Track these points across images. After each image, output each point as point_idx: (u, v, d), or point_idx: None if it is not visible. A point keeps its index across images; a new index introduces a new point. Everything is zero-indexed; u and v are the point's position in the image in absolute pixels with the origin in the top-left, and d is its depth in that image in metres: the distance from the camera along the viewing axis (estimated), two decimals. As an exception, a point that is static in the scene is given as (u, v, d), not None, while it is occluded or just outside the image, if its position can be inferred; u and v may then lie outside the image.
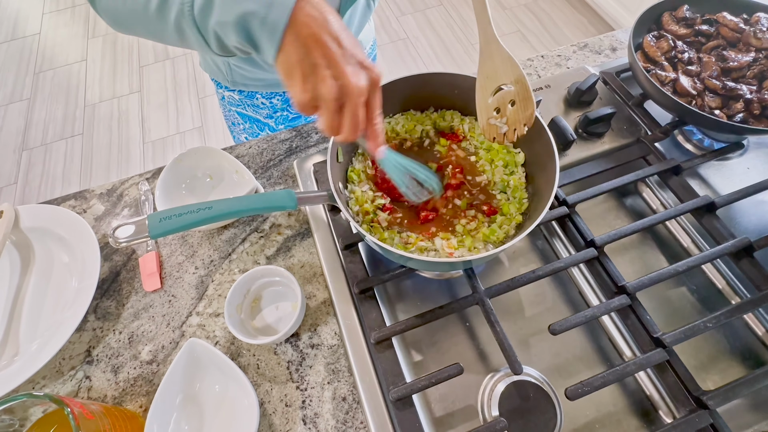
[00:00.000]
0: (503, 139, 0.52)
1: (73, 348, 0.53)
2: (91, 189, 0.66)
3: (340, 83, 0.35)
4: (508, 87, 0.49)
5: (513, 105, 0.50)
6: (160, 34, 0.42)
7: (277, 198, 0.44)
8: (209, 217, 0.40)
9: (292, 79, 0.36)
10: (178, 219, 0.39)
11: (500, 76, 0.48)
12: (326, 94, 0.35)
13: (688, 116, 0.58)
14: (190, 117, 1.99)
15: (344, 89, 0.36)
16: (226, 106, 0.88)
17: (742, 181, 0.61)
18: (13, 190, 1.80)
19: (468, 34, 2.24)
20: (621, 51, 0.78)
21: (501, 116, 0.50)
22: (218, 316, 0.54)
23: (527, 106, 0.49)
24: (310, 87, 0.35)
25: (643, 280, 0.49)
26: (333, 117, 0.37)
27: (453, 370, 0.45)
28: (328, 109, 0.36)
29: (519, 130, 0.50)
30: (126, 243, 0.39)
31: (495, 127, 0.51)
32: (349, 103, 0.36)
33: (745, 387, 0.44)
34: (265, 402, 0.48)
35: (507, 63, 0.48)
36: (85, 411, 0.38)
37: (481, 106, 0.51)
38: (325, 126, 0.38)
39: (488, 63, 0.48)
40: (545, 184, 0.48)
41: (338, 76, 0.35)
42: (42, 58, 2.26)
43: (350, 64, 0.36)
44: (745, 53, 0.60)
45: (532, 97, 0.48)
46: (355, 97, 0.36)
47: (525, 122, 0.50)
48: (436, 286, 0.56)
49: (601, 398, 0.48)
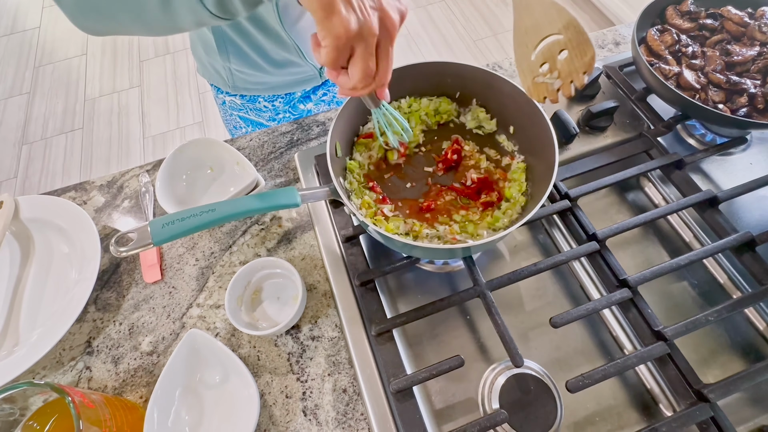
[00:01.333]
0: (557, 97, 0.46)
1: (73, 339, 0.52)
2: (91, 180, 0.65)
3: (380, 16, 0.32)
4: (555, 37, 0.43)
5: (562, 56, 0.44)
6: (138, 10, 0.37)
7: (281, 196, 0.43)
8: (213, 219, 0.39)
9: (331, 11, 0.31)
10: (182, 223, 0.38)
11: (543, 27, 0.43)
12: (369, 28, 0.32)
13: (691, 110, 0.57)
14: (190, 112, 1.99)
15: (384, 21, 0.32)
16: (227, 110, 0.87)
17: (745, 176, 0.60)
18: (12, 184, 1.80)
19: (470, 30, 2.23)
20: (624, 45, 0.78)
21: (550, 71, 0.45)
22: (219, 308, 0.54)
23: (586, 51, 0.43)
24: (354, 18, 0.31)
25: (645, 273, 0.49)
26: (371, 58, 0.33)
27: (454, 362, 0.45)
28: (368, 47, 0.32)
29: (578, 80, 0.44)
30: (127, 253, 0.37)
31: (544, 86, 0.46)
32: (386, 39, 0.33)
33: (745, 380, 0.44)
34: (266, 393, 0.48)
35: (551, 10, 0.43)
36: (86, 400, 0.38)
37: (522, 66, 0.46)
38: (361, 73, 0.34)
39: (526, 16, 0.43)
40: (546, 169, 0.48)
41: (376, 8, 0.32)
42: (42, 52, 2.25)
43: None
44: (750, 47, 0.60)
45: (589, 40, 0.43)
46: (393, 30, 0.33)
47: (585, 69, 0.44)
48: (437, 278, 0.56)
49: (601, 391, 0.48)
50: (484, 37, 2.19)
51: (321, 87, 0.86)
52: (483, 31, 2.22)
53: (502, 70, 0.76)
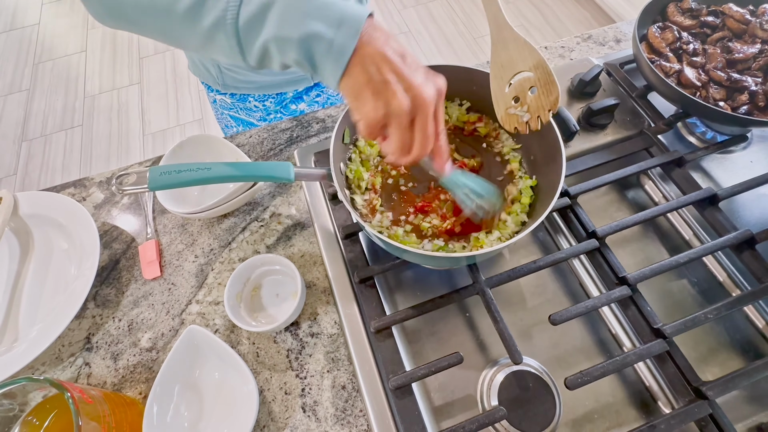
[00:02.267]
0: (526, 128, 0.49)
1: (72, 335, 0.52)
2: (90, 177, 0.65)
3: (411, 95, 0.34)
4: (526, 74, 0.46)
5: (533, 91, 0.47)
6: (175, 35, 0.39)
7: (276, 169, 0.43)
8: (206, 177, 0.40)
9: (361, 100, 0.34)
10: (177, 175, 0.39)
11: (517, 63, 0.46)
12: (399, 108, 0.34)
13: (692, 108, 0.57)
14: (190, 109, 1.98)
15: (416, 100, 0.34)
16: (218, 109, 0.86)
17: (745, 174, 0.60)
18: (12, 181, 1.79)
19: (470, 27, 2.22)
20: (625, 43, 0.78)
21: (521, 104, 0.48)
22: (218, 305, 0.54)
23: (551, 91, 0.46)
24: (382, 104, 0.34)
25: (645, 271, 0.49)
26: (405, 133, 0.35)
27: (453, 359, 0.45)
28: (401, 124, 0.35)
29: (543, 117, 0.47)
30: (128, 191, 0.39)
31: (515, 117, 0.49)
32: (421, 115, 0.35)
33: (744, 378, 0.44)
34: (265, 390, 0.48)
35: (524, 49, 0.45)
36: (85, 396, 0.38)
37: (497, 97, 0.49)
38: (396, 145, 0.36)
39: (502, 52, 0.46)
40: (553, 174, 0.48)
41: (409, 88, 0.34)
42: (41, 49, 2.25)
43: (417, 77, 0.35)
44: (751, 45, 0.59)
45: (555, 81, 0.45)
46: (427, 107, 0.35)
47: (550, 108, 0.47)
48: (436, 276, 0.56)
49: (600, 389, 0.48)
50: (485, 34, 2.19)
51: (314, 88, 0.85)
52: (483, 28, 2.21)
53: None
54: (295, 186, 0.63)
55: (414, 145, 0.36)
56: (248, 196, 0.58)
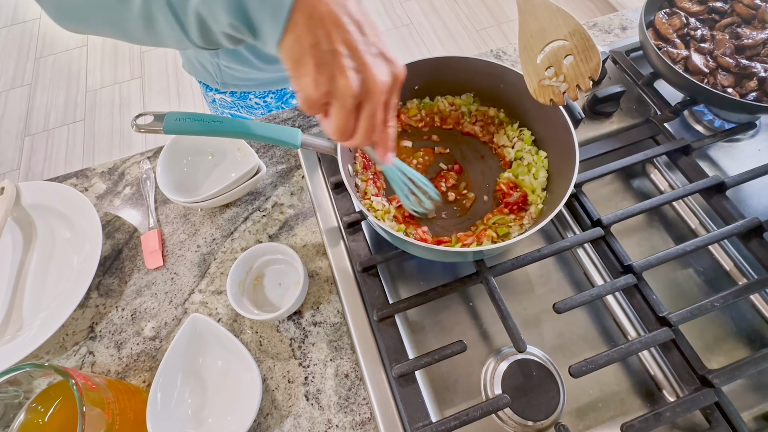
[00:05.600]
0: (563, 99, 0.46)
1: (76, 324, 0.53)
2: (92, 168, 0.65)
3: (362, 77, 0.29)
4: (560, 42, 0.44)
5: (568, 60, 0.44)
6: (120, 24, 0.35)
7: (283, 133, 0.43)
8: (217, 130, 0.41)
9: (301, 68, 0.29)
10: (192, 123, 0.40)
11: (549, 32, 0.43)
12: (345, 89, 0.29)
13: (699, 95, 0.56)
14: (191, 102, 1.98)
15: (367, 84, 0.30)
16: (217, 108, 0.84)
17: (753, 162, 0.59)
18: (16, 175, 1.80)
19: (473, 19, 2.20)
20: (631, 30, 0.77)
21: (556, 75, 0.45)
22: (221, 294, 0.54)
23: (591, 57, 0.43)
24: (325, 79, 0.29)
25: (650, 259, 0.49)
26: (348, 117, 0.31)
27: (456, 347, 0.45)
28: (344, 107, 0.30)
29: (584, 84, 0.44)
30: (144, 130, 0.40)
31: (550, 89, 0.46)
32: (369, 102, 0.31)
33: (751, 366, 0.43)
34: (268, 378, 0.48)
35: (556, 16, 0.43)
36: (89, 383, 0.38)
37: (528, 69, 0.46)
38: (336, 128, 0.31)
39: (531, 21, 0.44)
40: (565, 167, 0.47)
41: (360, 68, 0.29)
42: (43, 43, 2.24)
43: (373, 55, 0.30)
44: (761, 30, 0.58)
45: (595, 46, 0.43)
46: (377, 95, 0.30)
47: (590, 74, 0.44)
48: (440, 264, 0.55)
49: (604, 378, 0.48)
50: (488, 26, 2.17)
51: None
52: (486, 20, 2.19)
53: (506, 56, 0.75)
54: (297, 175, 0.62)
55: (357, 132, 0.32)
56: (250, 185, 0.57)
